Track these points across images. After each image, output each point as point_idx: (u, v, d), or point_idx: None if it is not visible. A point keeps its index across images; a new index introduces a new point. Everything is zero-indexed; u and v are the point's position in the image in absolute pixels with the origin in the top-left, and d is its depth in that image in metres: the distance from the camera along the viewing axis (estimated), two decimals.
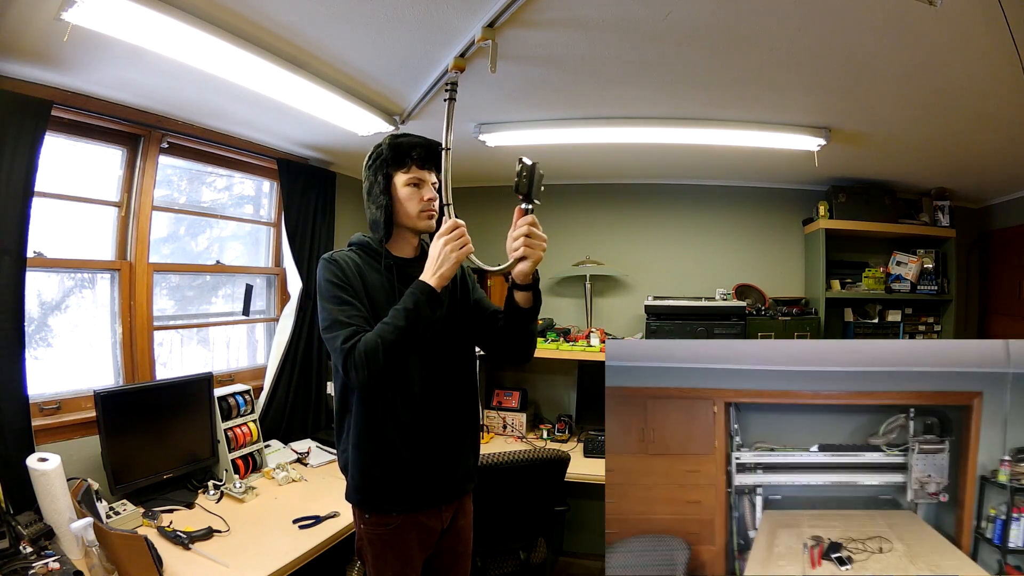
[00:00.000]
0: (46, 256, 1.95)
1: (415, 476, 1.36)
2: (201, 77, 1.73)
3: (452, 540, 1.48)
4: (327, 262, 1.35)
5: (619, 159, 2.96)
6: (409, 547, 1.38)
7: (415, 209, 1.37)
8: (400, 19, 1.48)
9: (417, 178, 1.37)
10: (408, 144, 1.37)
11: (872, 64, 1.66)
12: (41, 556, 1.44)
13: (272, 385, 2.68)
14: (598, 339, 3.05)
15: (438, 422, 1.38)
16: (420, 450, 1.36)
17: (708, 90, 1.95)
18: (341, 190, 3.06)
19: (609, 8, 1.41)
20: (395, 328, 1.21)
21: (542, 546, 2.34)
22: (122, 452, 1.91)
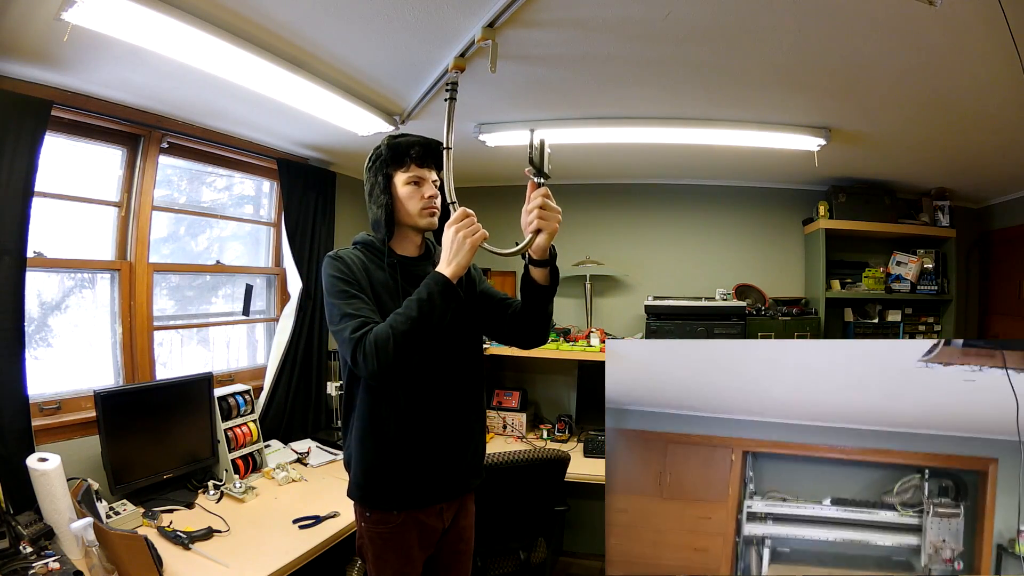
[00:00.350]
0: (46, 256, 1.95)
1: (417, 474, 1.36)
2: (201, 77, 1.73)
3: (453, 539, 1.47)
4: (332, 259, 1.34)
5: (619, 159, 2.96)
6: (410, 546, 1.38)
7: (416, 207, 1.37)
8: (400, 19, 1.48)
9: (417, 176, 1.36)
10: (406, 143, 1.37)
11: (872, 64, 1.66)
12: (41, 556, 1.44)
13: (272, 385, 2.68)
14: (598, 339, 3.05)
15: (442, 419, 1.37)
16: (423, 447, 1.35)
17: (708, 90, 1.95)
18: (341, 190, 3.06)
19: (609, 8, 1.41)
20: (407, 319, 1.19)
21: (542, 546, 2.34)
22: (122, 452, 1.91)
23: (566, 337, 3.10)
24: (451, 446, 1.40)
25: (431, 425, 1.36)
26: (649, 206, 3.43)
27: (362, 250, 1.40)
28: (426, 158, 1.37)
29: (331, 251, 1.37)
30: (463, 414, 1.42)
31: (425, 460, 1.36)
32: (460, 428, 1.42)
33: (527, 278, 1.33)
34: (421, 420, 1.35)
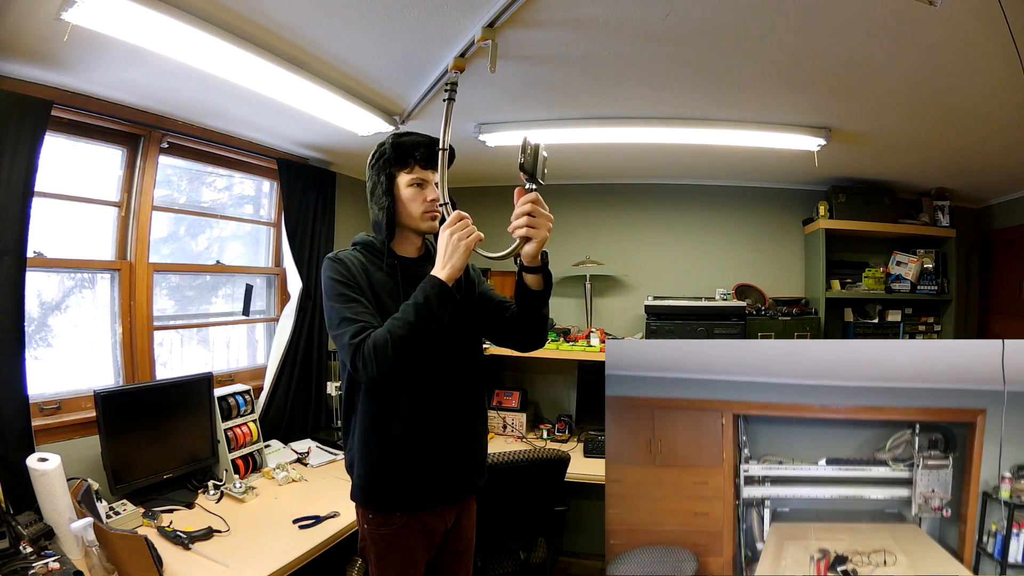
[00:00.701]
0: (46, 256, 1.95)
1: (421, 475, 1.35)
2: (201, 77, 1.73)
3: (455, 540, 1.48)
4: (332, 261, 1.33)
5: (619, 159, 2.96)
6: (412, 547, 1.38)
7: (417, 210, 1.36)
8: (400, 19, 1.48)
9: (420, 178, 1.35)
10: (411, 143, 1.35)
11: (872, 64, 1.66)
12: (41, 556, 1.44)
13: (272, 385, 2.68)
14: (598, 339, 3.05)
15: (445, 420, 1.37)
16: (427, 449, 1.35)
17: (708, 90, 1.95)
18: (341, 190, 3.06)
19: (609, 8, 1.41)
20: (404, 323, 1.19)
21: (542, 546, 2.35)
22: (122, 452, 1.91)
23: (566, 337, 3.10)
24: (455, 447, 1.40)
25: (434, 426, 1.36)
26: (649, 206, 3.43)
27: (362, 251, 1.40)
28: (431, 160, 1.35)
29: (330, 252, 1.37)
30: (466, 415, 1.42)
31: (429, 461, 1.36)
32: (463, 429, 1.42)
33: (520, 283, 1.33)
34: (424, 422, 1.34)
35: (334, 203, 3.01)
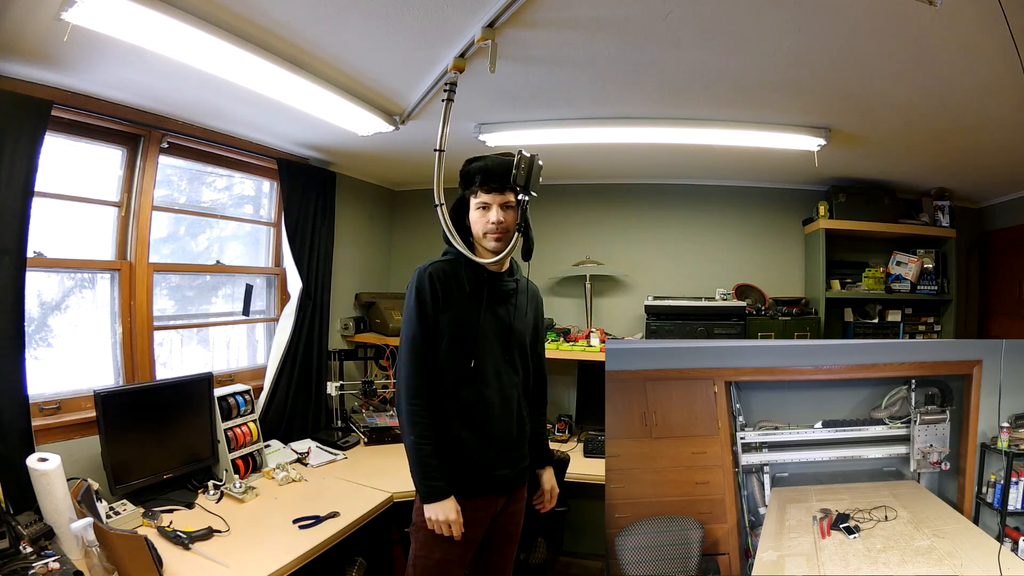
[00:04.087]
0: (46, 256, 1.95)
1: (477, 470, 1.49)
2: (201, 77, 1.73)
3: (503, 522, 1.59)
4: (420, 275, 1.49)
5: (619, 159, 2.96)
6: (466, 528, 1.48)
7: (480, 231, 1.52)
8: (400, 19, 1.48)
9: (483, 202, 1.51)
10: (473, 170, 1.52)
11: (872, 64, 1.66)
12: (41, 556, 1.44)
13: (272, 385, 2.68)
14: (598, 339, 3.05)
15: (504, 420, 1.51)
16: (484, 447, 1.49)
17: (708, 90, 1.95)
18: (341, 190, 3.04)
19: (609, 8, 1.41)
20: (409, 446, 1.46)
21: (542, 546, 2.34)
22: (122, 452, 1.91)
23: (566, 337, 3.10)
24: (510, 447, 1.54)
25: (494, 426, 1.50)
26: (649, 206, 3.43)
27: (453, 262, 1.54)
28: (490, 183, 1.48)
29: (423, 264, 1.54)
30: (519, 408, 1.56)
31: (485, 460, 1.50)
32: (518, 430, 1.56)
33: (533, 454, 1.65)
34: (485, 422, 1.49)
35: (334, 203, 3.00)
